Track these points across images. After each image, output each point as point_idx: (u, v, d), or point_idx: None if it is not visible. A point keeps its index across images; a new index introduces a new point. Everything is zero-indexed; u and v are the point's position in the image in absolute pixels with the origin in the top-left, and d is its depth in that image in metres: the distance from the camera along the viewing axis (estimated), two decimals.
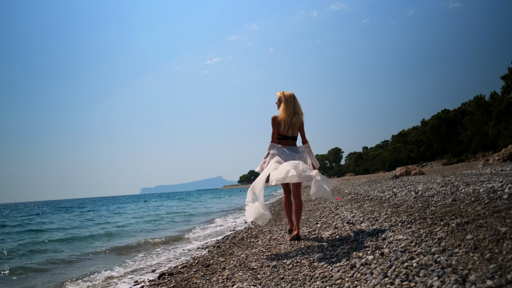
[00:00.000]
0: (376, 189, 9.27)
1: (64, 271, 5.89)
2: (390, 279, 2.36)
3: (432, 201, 5.25)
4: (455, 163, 44.27)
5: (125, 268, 5.61)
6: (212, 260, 4.48)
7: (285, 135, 4.42)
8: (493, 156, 25.62)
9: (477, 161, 37.05)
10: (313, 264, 3.33)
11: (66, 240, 9.71)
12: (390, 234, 3.59)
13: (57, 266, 6.19)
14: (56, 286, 4.83)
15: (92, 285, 4.74)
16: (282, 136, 4.42)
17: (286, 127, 4.36)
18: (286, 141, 4.45)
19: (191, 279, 3.71)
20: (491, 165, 20.23)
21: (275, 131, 4.40)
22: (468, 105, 52.40)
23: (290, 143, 4.47)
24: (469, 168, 21.76)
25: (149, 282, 4.23)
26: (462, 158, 45.47)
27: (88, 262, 6.53)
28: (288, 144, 4.45)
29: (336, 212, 6.44)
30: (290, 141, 4.47)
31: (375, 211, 5.38)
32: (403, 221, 4.03)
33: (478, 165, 25.15)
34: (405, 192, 7.10)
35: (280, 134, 4.41)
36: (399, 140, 66.46)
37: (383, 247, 3.19)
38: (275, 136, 4.42)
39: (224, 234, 8.46)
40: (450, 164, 43.47)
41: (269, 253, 4.10)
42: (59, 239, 9.97)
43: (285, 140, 4.45)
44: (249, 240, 5.59)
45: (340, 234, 4.34)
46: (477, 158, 41.37)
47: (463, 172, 12.82)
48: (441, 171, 22.98)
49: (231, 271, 3.60)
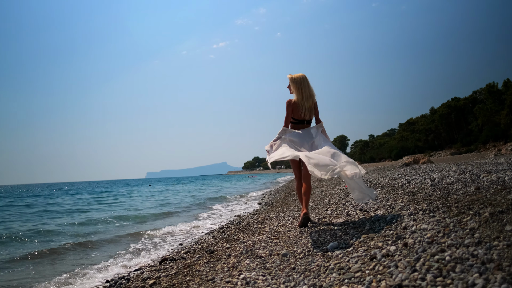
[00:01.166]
0: (386, 177, 8.94)
1: (64, 257, 5.71)
2: (420, 274, 2.05)
3: (452, 189, 4.91)
4: (464, 153, 43.64)
5: (125, 254, 5.39)
6: (216, 246, 4.20)
7: (301, 119, 4.22)
8: (505, 146, 25.07)
9: (488, 151, 36.43)
10: (327, 253, 3.03)
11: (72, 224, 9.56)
12: (411, 223, 3.27)
13: (65, 252, 6.01)
14: (59, 270, 4.63)
15: (95, 268, 4.50)
16: (297, 120, 4.23)
17: (303, 110, 4.15)
18: (301, 125, 4.26)
19: (194, 266, 3.44)
20: (504, 155, 19.75)
21: (289, 115, 4.20)
22: (479, 93, 51.29)
23: (305, 126, 4.28)
24: (480, 158, 21.28)
25: (150, 268, 3.97)
26: (471, 148, 44.78)
27: (97, 247, 6.34)
28: (303, 128, 4.26)
29: (346, 199, 6.13)
30: (305, 125, 4.28)
31: (390, 198, 5.07)
32: (424, 210, 3.71)
33: (489, 155, 24.63)
34: (420, 179, 6.77)
35: (296, 119, 4.22)
36: (407, 128, 65.66)
37: (405, 237, 2.87)
38: (288, 120, 4.23)
39: (229, 219, 8.21)
40: (459, 154, 42.84)
41: (278, 240, 3.81)
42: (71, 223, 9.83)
43: (300, 124, 4.25)
44: (255, 226, 5.31)
45: (354, 222, 4.04)
46: (487, 148, 40.66)
47: (476, 161, 12.43)
48: (450, 161, 22.50)
49: (237, 258, 3.31)
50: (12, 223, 10.16)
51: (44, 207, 15.78)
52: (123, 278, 3.68)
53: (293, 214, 5.76)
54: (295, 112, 4.18)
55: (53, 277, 4.21)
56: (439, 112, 54.82)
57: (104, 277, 4.05)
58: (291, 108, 4.18)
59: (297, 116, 4.20)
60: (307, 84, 4.16)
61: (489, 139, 42.53)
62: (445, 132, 55.65)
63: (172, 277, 3.21)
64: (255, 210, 9.14)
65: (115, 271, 4.26)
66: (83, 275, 4.18)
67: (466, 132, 50.39)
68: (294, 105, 4.17)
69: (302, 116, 4.19)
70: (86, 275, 4.19)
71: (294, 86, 4.16)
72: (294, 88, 4.15)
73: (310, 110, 4.20)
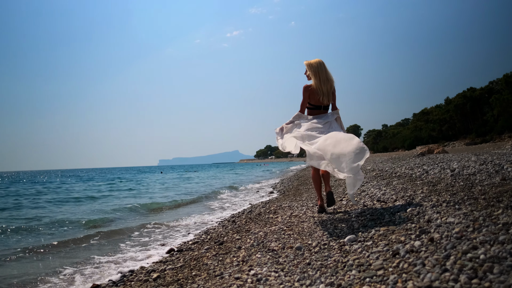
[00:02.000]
0: (402, 166, 8.65)
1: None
2: (452, 275, 1.83)
3: (475, 179, 4.65)
4: (479, 143, 42.75)
5: (133, 245, 5.26)
6: (226, 237, 4.02)
7: (318, 105, 4.14)
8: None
9: (503, 141, 35.56)
10: (344, 247, 2.83)
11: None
12: (435, 215, 3.05)
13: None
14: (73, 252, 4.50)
15: (102, 261, 4.36)
16: (314, 106, 4.15)
17: (321, 95, 4.06)
18: (318, 111, 4.17)
19: (202, 259, 3.27)
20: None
21: (305, 101, 4.15)
22: (496, 83, 50.09)
23: (322, 112, 4.19)
24: (496, 149, 20.71)
25: (155, 259, 3.81)
26: (486, 138, 43.85)
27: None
28: (319, 114, 4.17)
29: (362, 189, 5.90)
30: (322, 111, 4.19)
31: (408, 188, 4.83)
32: (448, 201, 3.48)
33: (506, 145, 24.01)
34: (438, 169, 6.49)
35: (313, 104, 4.15)
36: (421, 118, 64.62)
37: (430, 231, 2.65)
38: (304, 106, 4.17)
39: (240, 208, 8.05)
40: (474, 144, 41.98)
41: (291, 231, 3.62)
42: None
43: (317, 110, 4.17)
44: (267, 216, 5.13)
45: (371, 213, 3.82)
46: (502, 139, 39.73)
47: (495, 152, 12.02)
48: (465, 151, 21.94)
49: (248, 251, 3.12)
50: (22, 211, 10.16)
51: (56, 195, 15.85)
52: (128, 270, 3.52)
53: (307, 203, 5.56)
54: (312, 97, 4.10)
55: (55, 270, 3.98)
56: (454, 102, 53.77)
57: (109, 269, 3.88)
58: (308, 93, 4.11)
59: (314, 101, 4.12)
60: (324, 68, 4.07)
61: (505, 130, 41.55)
62: (460, 123, 54.59)
63: (177, 271, 3.05)
64: (267, 199, 8.96)
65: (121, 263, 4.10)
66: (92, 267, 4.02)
67: (481, 122, 49.33)
68: (311, 90, 4.09)
69: (320, 101, 4.09)
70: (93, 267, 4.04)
71: (311, 71, 4.09)
72: (311, 73, 4.08)
73: (328, 95, 4.09)
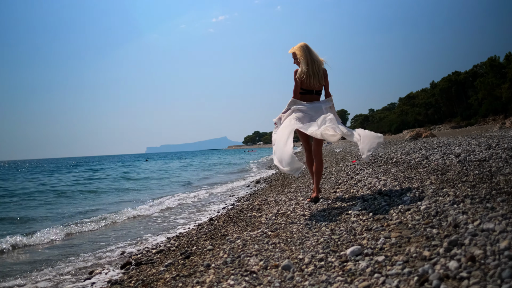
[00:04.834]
0: (397, 151, 8.01)
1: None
2: None
3: (491, 167, 3.99)
4: (464, 126, 42.85)
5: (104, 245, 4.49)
6: (195, 247, 3.23)
7: (308, 89, 4.02)
8: (510, 119, 24.19)
9: (487, 124, 35.51)
10: (347, 265, 2.11)
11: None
12: (462, 217, 2.35)
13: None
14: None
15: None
16: (305, 90, 4.03)
17: (308, 78, 3.95)
18: (310, 96, 4.04)
19: (157, 282, 2.50)
20: (508, 128, 18.87)
21: (297, 86, 4.03)
22: (480, 67, 50.13)
23: (314, 98, 4.06)
24: (483, 131, 20.41)
25: (103, 277, 3.04)
26: (471, 121, 43.99)
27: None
28: (312, 99, 4.02)
29: (357, 178, 5.20)
30: (314, 96, 4.05)
31: (412, 178, 4.15)
32: (471, 196, 2.79)
33: (492, 128, 23.78)
34: (439, 155, 5.85)
35: (304, 89, 4.03)
36: (407, 102, 64.63)
37: (464, 242, 1.96)
38: (297, 91, 4.03)
39: (220, 204, 7.30)
40: (459, 128, 42.02)
41: (277, 238, 2.88)
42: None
43: (309, 95, 4.04)
44: (250, 213, 4.39)
45: (374, 211, 3.12)
46: (487, 122, 39.78)
47: (487, 134, 11.53)
48: (452, 134, 21.65)
49: (218, 274, 2.30)
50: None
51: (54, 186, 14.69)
52: None
53: (295, 197, 4.84)
54: (303, 82, 3.99)
55: None
56: (440, 86, 53.71)
57: None
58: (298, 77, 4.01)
59: (305, 85, 3.99)
60: (308, 49, 4.00)
61: (489, 113, 41.62)
62: (445, 106, 54.63)
63: None
64: (252, 190, 8.23)
65: None
66: None
67: (466, 106, 49.41)
68: (300, 74, 3.99)
69: (310, 84, 3.97)
70: None
71: (296, 56, 4.06)
72: (298, 57, 4.02)
73: (317, 76, 3.97)
